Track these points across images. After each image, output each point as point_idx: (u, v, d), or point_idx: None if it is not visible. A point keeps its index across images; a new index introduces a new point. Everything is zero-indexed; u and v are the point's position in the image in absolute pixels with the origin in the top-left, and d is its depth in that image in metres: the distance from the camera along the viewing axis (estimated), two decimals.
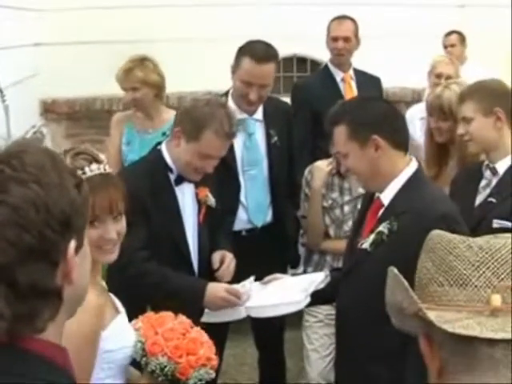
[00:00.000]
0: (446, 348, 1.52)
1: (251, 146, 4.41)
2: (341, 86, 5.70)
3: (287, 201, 4.62)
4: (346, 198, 4.35)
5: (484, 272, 1.52)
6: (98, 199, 2.37)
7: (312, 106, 5.22)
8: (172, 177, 3.66)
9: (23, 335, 1.36)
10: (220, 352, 2.99)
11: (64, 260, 1.37)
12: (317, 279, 3.48)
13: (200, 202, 3.75)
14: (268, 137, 4.45)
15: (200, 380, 2.65)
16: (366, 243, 3.05)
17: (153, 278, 3.47)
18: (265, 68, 4.21)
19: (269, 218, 4.49)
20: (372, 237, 3.03)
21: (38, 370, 1.36)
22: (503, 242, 1.55)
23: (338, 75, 5.74)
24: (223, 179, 3.96)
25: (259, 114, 4.44)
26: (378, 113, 3.13)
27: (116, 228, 2.47)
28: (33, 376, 1.34)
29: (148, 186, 3.55)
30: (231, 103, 4.26)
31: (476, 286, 1.52)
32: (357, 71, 5.81)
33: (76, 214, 1.40)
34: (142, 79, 4.98)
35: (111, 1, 7.46)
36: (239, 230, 4.39)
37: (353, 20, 5.77)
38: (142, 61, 5.05)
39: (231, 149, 4.14)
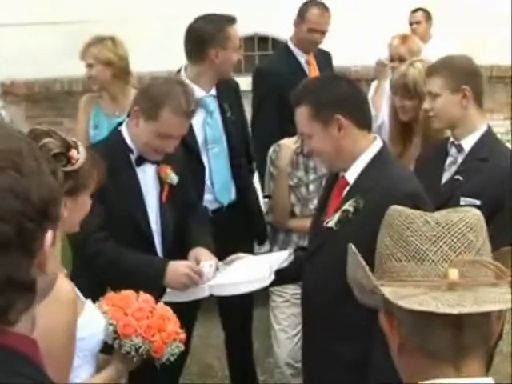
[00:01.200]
0: (405, 324, 1.52)
1: (213, 123, 4.39)
2: (306, 68, 5.69)
3: (248, 176, 4.66)
4: (312, 176, 4.34)
5: (441, 246, 1.52)
6: (99, 174, 2.61)
7: (279, 91, 5.18)
8: (133, 157, 3.61)
9: None
10: (189, 332, 2.98)
11: (40, 251, 1.31)
12: (280, 257, 3.47)
13: (162, 181, 3.69)
14: (223, 112, 4.44)
15: (172, 355, 2.73)
16: (331, 222, 3.03)
17: (109, 256, 3.42)
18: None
19: (233, 195, 4.48)
20: (337, 215, 3.01)
21: (14, 365, 1.31)
22: (461, 215, 1.55)
23: (302, 57, 5.71)
24: (186, 161, 3.91)
25: (213, 90, 4.43)
26: (340, 92, 3.10)
27: None
28: (10, 371, 1.29)
29: (107, 167, 3.49)
30: (187, 81, 4.25)
31: (433, 261, 1.52)
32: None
33: (54, 202, 1.33)
34: (94, 56, 4.97)
35: None
36: None
37: (327, 8, 5.74)
38: (103, 39, 5.02)
39: (191, 130, 4.11)
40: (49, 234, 1.33)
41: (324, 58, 5.82)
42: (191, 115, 3.60)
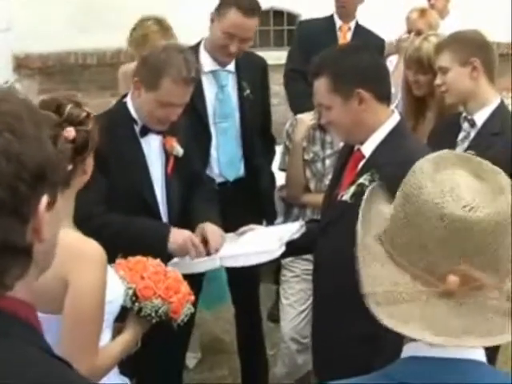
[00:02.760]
0: None
1: (223, 98, 4.32)
2: (338, 34, 5.72)
3: (262, 156, 4.58)
4: (328, 151, 4.32)
5: (450, 248, 1.47)
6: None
7: (305, 48, 5.16)
8: (137, 128, 3.58)
9: None
10: (195, 302, 3.00)
11: (34, 216, 1.31)
12: (292, 229, 3.47)
13: (167, 153, 3.67)
14: (240, 89, 4.36)
15: (186, 316, 2.82)
16: (346, 195, 3.01)
17: (115, 226, 3.39)
18: (251, 21, 4.12)
19: (241, 172, 4.44)
20: (352, 189, 2.98)
21: (11, 328, 1.31)
22: (476, 215, 1.44)
23: (338, 23, 5.76)
24: (194, 130, 3.89)
25: (231, 65, 4.34)
26: (362, 65, 3.03)
27: None
28: (7, 334, 1.30)
29: (111, 138, 3.45)
30: (204, 53, 4.22)
31: (438, 256, 1.49)
32: (359, 26, 5.79)
33: (51, 168, 1.33)
34: None
35: None
36: None
37: None
38: (164, 33, 4.78)
39: (203, 100, 4.10)
40: (44, 199, 1.32)
41: (369, 39, 5.65)
42: (192, 82, 3.52)
